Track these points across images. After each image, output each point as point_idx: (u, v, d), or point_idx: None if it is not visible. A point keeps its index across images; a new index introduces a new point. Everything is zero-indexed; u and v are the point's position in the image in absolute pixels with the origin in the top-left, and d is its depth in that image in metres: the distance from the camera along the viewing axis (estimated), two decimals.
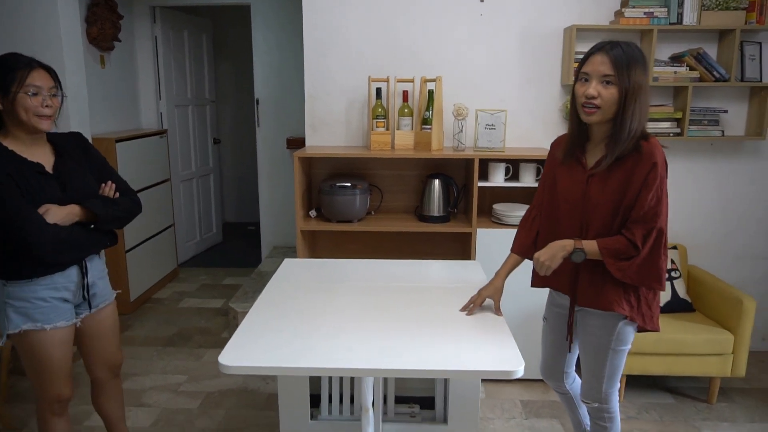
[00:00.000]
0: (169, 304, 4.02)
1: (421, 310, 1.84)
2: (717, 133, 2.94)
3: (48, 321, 1.78)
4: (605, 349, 1.79)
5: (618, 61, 1.61)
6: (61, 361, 1.84)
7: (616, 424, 1.90)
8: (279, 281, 2.11)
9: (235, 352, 1.55)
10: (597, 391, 1.84)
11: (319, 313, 1.82)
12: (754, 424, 2.61)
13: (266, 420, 2.60)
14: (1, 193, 1.65)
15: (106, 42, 3.78)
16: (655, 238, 1.63)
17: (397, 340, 1.62)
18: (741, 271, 3.21)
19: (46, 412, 1.90)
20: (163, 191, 4.32)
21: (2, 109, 1.71)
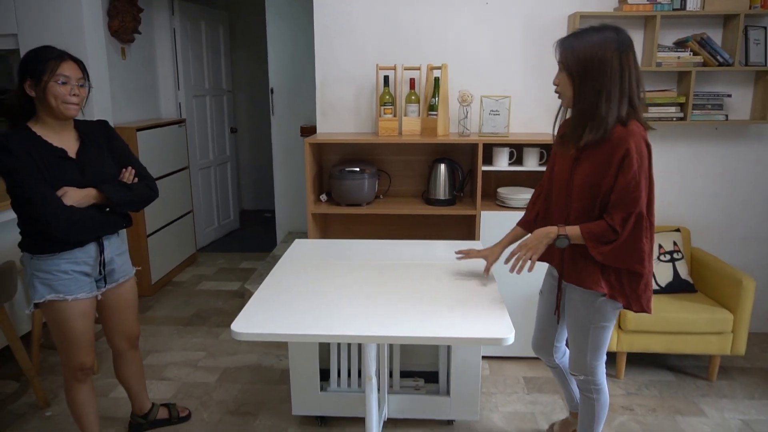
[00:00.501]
0: (188, 287, 4.18)
1: (424, 285, 1.94)
2: (721, 118, 2.97)
3: (69, 292, 1.94)
4: (587, 325, 1.87)
5: (564, 46, 1.69)
6: (83, 330, 2.00)
7: (604, 395, 1.99)
8: (289, 259, 2.23)
9: (247, 321, 1.67)
10: (582, 364, 1.93)
11: (326, 287, 1.93)
12: (753, 401, 2.67)
13: (279, 393, 2.74)
14: (22, 174, 1.80)
15: (126, 34, 3.93)
16: (634, 222, 1.66)
17: (400, 311, 1.72)
18: (744, 254, 3.25)
19: (71, 380, 2.07)
20: (182, 179, 4.48)
21: (34, 96, 1.85)
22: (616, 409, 2.60)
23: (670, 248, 2.97)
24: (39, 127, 1.90)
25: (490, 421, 2.51)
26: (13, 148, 1.79)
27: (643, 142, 1.66)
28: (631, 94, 1.67)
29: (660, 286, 2.91)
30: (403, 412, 2.42)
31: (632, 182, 1.64)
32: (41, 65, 1.82)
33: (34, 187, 1.80)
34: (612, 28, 1.67)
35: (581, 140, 1.71)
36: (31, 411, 2.61)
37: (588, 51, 1.64)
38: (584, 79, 1.66)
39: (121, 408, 2.62)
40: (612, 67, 1.63)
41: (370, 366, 1.91)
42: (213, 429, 2.47)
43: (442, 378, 2.44)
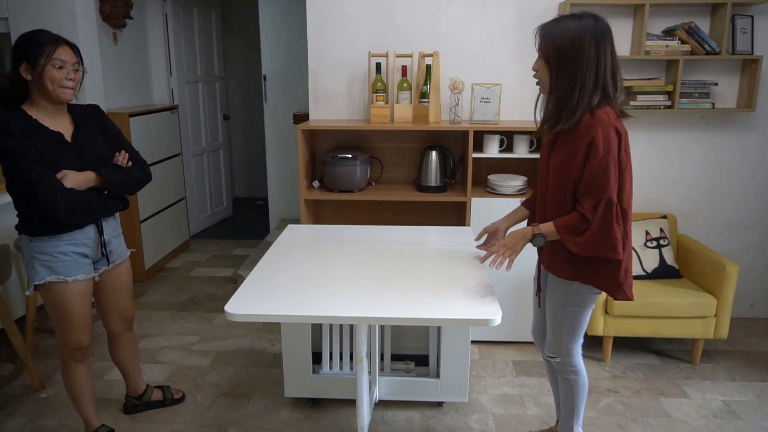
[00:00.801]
0: (182, 273, 4.21)
1: (415, 269, 1.97)
2: (707, 106, 3.02)
3: (69, 274, 1.97)
4: (562, 308, 1.90)
5: (543, 33, 1.70)
6: (81, 311, 2.03)
7: (582, 377, 2.01)
8: (282, 243, 2.26)
9: (240, 303, 1.70)
10: (558, 346, 1.96)
11: (318, 270, 1.97)
12: (734, 383, 2.74)
13: (272, 377, 2.79)
14: (24, 157, 1.82)
15: (118, 19, 3.91)
16: (604, 209, 1.66)
17: (390, 294, 1.75)
18: (730, 240, 3.32)
19: (69, 359, 2.10)
20: (175, 165, 4.49)
21: (30, 79, 1.86)
22: (602, 392, 2.66)
23: (656, 235, 3.02)
24: (34, 110, 1.91)
25: (478, 403, 2.57)
26: (14, 132, 1.81)
27: (611, 129, 1.66)
28: (606, 84, 1.68)
29: (646, 272, 2.97)
30: (394, 394, 2.47)
31: (599, 169, 1.65)
32: (38, 49, 1.83)
33: (35, 170, 1.82)
34: (591, 17, 1.68)
35: (555, 128, 1.74)
36: (26, 393, 2.64)
37: (565, 39, 1.66)
38: (561, 67, 1.68)
39: (115, 390, 2.65)
40: (588, 57, 1.65)
41: (362, 348, 1.95)
42: (206, 410, 2.52)
43: (432, 361, 2.49)
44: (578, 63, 1.65)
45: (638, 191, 3.27)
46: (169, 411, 2.51)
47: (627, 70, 3.08)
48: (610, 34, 1.68)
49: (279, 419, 2.45)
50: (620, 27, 3.04)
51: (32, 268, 1.96)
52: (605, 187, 1.65)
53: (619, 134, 1.67)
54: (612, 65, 1.68)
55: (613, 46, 1.69)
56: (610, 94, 1.69)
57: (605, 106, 1.69)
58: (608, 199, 1.65)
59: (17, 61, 1.85)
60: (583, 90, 1.66)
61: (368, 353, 2.34)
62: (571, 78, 1.67)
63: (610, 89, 1.69)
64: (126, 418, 2.46)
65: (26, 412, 2.50)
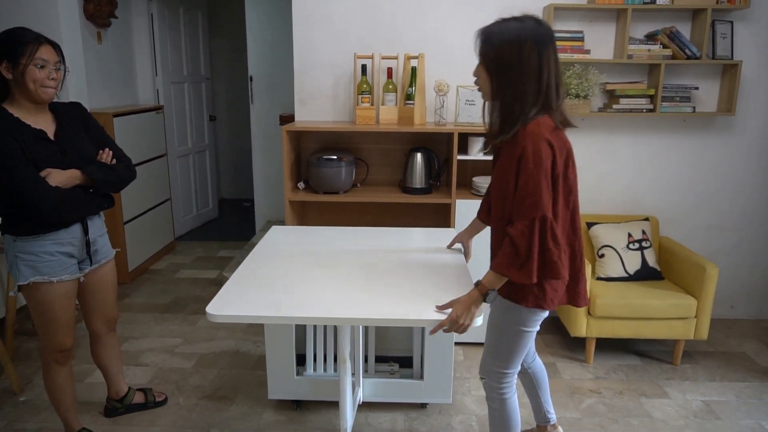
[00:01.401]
0: (166, 275, 4.18)
1: (399, 270, 1.97)
2: (689, 110, 3.06)
3: (54, 274, 1.95)
4: (503, 327, 1.78)
5: (482, 37, 1.59)
6: (65, 312, 2.01)
7: (508, 410, 1.85)
8: (266, 245, 2.25)
9: (222, 304, 1.70)
10: (490, 366, 1.84)
11: (302, 272, 1.96)
12: (714, 383, 2.78)
13: (256, 379, 2.77)
14: (7, 156, 1.79)
15: (102, 18, 3.88)
16: (539, 228, 1.53)
17: (374, 295, 1.75)
18: (711, 243, 3.36)
19: (51, 362, 2.07)
20: (160, 166, 4.45)
21: (11, 78, 1.84)
22: (585, 392, 2.68)
23: (639, 237, 3.05)
24: (15, 108, 1.89)
25: (462, 404, 2.57)
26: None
27: (543, 141, 1.53)
28: (548, 93, 1.58)
29: (628, 274, 2.99)
30: (378, 396, 2.47)
31: (529, 185, 1.53)
32: (19, 48, 1.81)
33: (19, 169, 1.80)
34: (533, 20, 1.57)
35: (496, 139, 1.64)
36: (5, 396, 2.60)
37: (504, 45, 1.55)
38: (500, 74, 1.57)
39: (96, 393, 2.62)
40: (530, 64, 1.54)
41: (345, 349, 1.95)
42: (189, 413, 2.50)
43: (416, 363, 2.49)
44: (519, 71, 1.54)
45: (621, 193, 3.30)
46: (150, 414, 2.49)
47: (610, 74, 3.12)
48: (552, 39, 1.58)
49: (262, 421, 2.44)
50: (603, 31, 3.08)
51: (16, 268, 1.93)
52: (538, 204, 1.52)
53: (553, 146, 1.55)
54: (555, 73, 1.58)
55: (557, 52, 1.59)
56: (551, 103, 1.59)
57: (543, 116, 1.58)
58: (542, 217, 1.52)
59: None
60: (525, 100, 1.56)
61: (352, 355, 2.34)
62: (512, 87, 1.56)
63: (553, 98, 1.58)
64: (107, 421, 2.44)
65: (4, 415, 2.46)
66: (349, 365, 1.99)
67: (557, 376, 2.82)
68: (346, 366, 1.97)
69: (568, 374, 2.84)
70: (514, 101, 1.57)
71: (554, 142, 1.56)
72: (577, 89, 2.99)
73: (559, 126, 1.61)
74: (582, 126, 3.21)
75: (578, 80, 2.99)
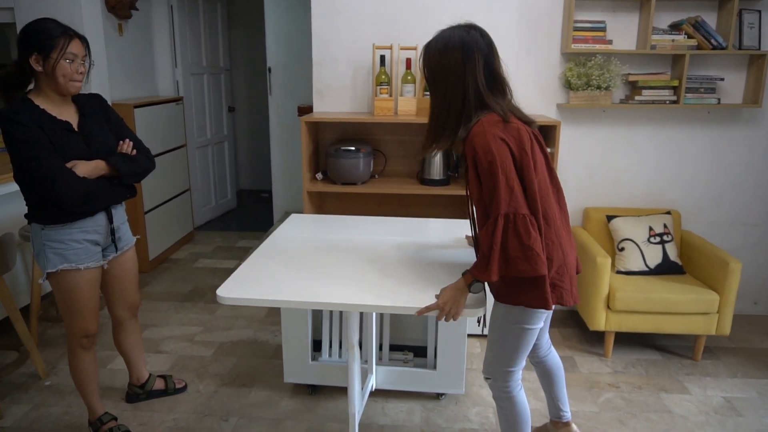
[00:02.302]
0: (185, 264, 4.23)
1: (413, 260, 1.98)
2: (713, 101, 3.00)
3: (81, 261, 2.00)
4: (504, 324, 1.77)
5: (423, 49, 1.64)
6: (90, 299, 2.06)
7: (518, 407, 1.85)
8: (284, 232, 2.28)
9: (233, 287, 1.74)
10: (494, 366, 1.83)
11: (316, 258, 1.98)
12: (736, 380, 2.74)
13: (273, 368, 2.80)
14: (36, 147, 1.83)
15: (123, 10, 3.92)
16: (502, 226, 1.51)
17: (385, 283, 1.76)
18: (734, 237, 3.30)
19: (76, 347, 2.12)
20: (180, 157, 4.50)
21: (40, 71, 1.87)
22: (603, 386, 2.67)
23: (660, 230, 3.01)
24: (41, 100, 1.92)
25: (479, 396, 2.57)
26: (25, 121, 1.82)
27: (491, 139, 1.54)
28: (481, 96, 1.59)
29: (649, 268, 2.96)
30: (391, 384, 2.49)
31: (488, 185, 1.54)
32: (50, 41, 1.83)
33: (48, 160, 1.84)
34: (463, 28, 1.61)
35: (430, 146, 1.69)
36: (30, 380, 2.66)
37: (434, 56, 1.61)
38: (430, 83, 1.65)
39: (118, 379, 2.68)
40: (452, 71, 1.58)
41: (353, 335, 1.97)
42: (208, 400, 2.53)
43: (430, 353, 2.50)
44: (444, 79, 1.60)
45: (642, 186, 3.26)
46: (171, 400, 2.53)
47: (632, 65, 3.06)
48: (478, 46, 1.59)
49: (279, 409, 2.47)
50: (626, 21, 3.02)
51: (44, 256, 1.97)
52: (498, 203, 1.52)
53: (508, 142, 1.55)
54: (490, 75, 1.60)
55: (489, 56, 1.60)
56: (490, 103, 1.59)
57: (487, 115, 1.59)
58: (506, 215, 1.51)
59: (27, 51, 1.84)
60: (451, 106, 1.60)
61: (366, 342, 2.37)
62: (440, 93, 1.62)
63: (489, 98, 1.59)
64: (128, 406, 2.48)
65: (30, 399, 2.53)
66: (357, 351, 2.01)
67: (575, 369, 2.81)
68: (355, 352, 1.99)
69: (586, 368, 2.82)
70: (442, 109, 1.62)
71: (505, 136, 1.55)
72: (598, 80, 2.95)
73: (506, 119, 1.58)
74: (603, 117, 3.17)
75: (600, 71, 2.94)
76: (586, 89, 3.00)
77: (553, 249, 1.62)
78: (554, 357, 2.10)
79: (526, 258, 1.51)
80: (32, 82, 1.94)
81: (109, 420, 2.25)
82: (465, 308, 1.61)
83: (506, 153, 1.54)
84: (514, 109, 1.66)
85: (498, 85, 1.63)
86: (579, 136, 3.20)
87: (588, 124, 3.18)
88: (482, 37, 1.61)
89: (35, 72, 1.88)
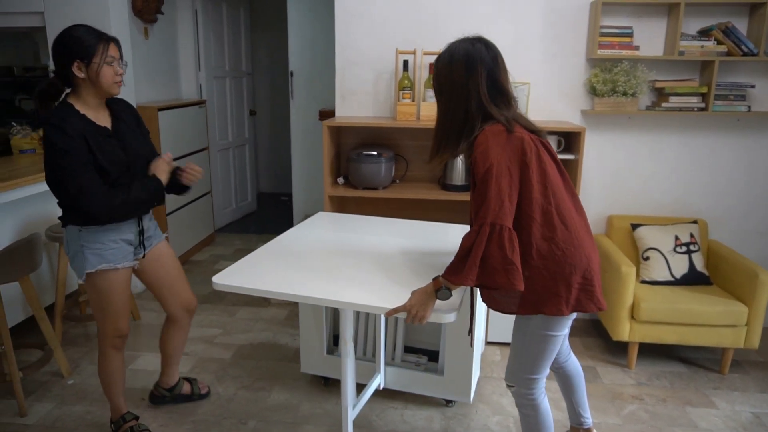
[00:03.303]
0: (206, 266, 4.26)
1: (426, 261, 2.00)
2: (743, 109, 2.93)
3: (118, 261, 2.05)
4: (517, 330, 1.80)
5: (437, 60, 1.69)
6: (124, 298, 2.12)
7: (542, 415, 1.84)
8: (303, 228, 2.35)
9: (230, 276, 1.84)
10: (516, 373, 1.82)
11: (320, 254, 2.04)
12: (765, 395, 2.66)
13: (292, 371, 2.80)
14: (73, 158, 1.85)
15: (149, 14, 3.97)
16: (488, 234, 1.52)
17: (382, 281, 1.81)
18: (763, 247, 3.22)
19: (108, 347, 2.16)
20: (201, 159, 4.54)
21: (84, 77, 1.90)
22: (626, 398, 2.61)
23: (686, 240, 2.95)
24: (80, 105, 1.95)
25: (499, 405, 2.54)
26: (71, 131, 1.85)
27: (491, 149, 1.56)
28: (482, 106, 1.62)
29: (675, 278, 2.90)
30: (398, 385, 2.51)
31: (481, 192, 1.56)
32: (90, 48, 1.87)
33: (82, 175, 1.87)
34: (469, 41, 1.64)
35: (435, 155, 1.74)
36: (54, 379, 2.70)
37: (441, 69, 1.66)
38: (438, 95, 1.70)
39: (138, 380, 2.70)
40: (456, 84, 1.63)
41: (346, 330, 1.99)
42: (227, 403, 2.54)
43: (441, 358, 2.49)
44: (449, 91, 1.65)
45: (668, 194, 3.20)
46: (191, 403, 2.54)
47: (659, 71, 3.02)
48: (482, 60, 1.61)
49: (299, 413, 2.46)
50: (654, 27, 2.98)
51: (82, 257, 2.01)
52: (486, 212, 1.53)
53: (508, 149, 1.57)
54: (494, 87, 1.63)
55: (493, 68, 1.62)
56: (493, 113, 1.62)
57: (490, 125, 1.61)
58: (492, 223, 1.52)
59: (68, 60, 1.87)
60: (454, 119, 1.65)
61: (377, 342, 2.43)
62: (444, 104, 1.67)
63: (493, 109, 1.62)
64: (150, 407, 2.50)
65: (53, 397, 2.56)
66: (351, 347, 2.02)
67: (597, 380, 2.76)
68: (348, 347, 2.00)
69: (608, 379, 2.77)
70: (445, 120, 1.67)
71: (506, 146, 1.57)
72: (624, 86, 2.90)
73: (510, 129, 1.60)
74: (628, 124, 3.12)
75: (626, 77, 2.90)
76: (611, 95, 2.95)
77: (575, 253, 1.62)
78: (574, 362, 2.07)
79: (505, 271, 1.51)
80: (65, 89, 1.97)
81: (131, 419, 2.27)
82: (434, 312, 1.61)
83: (504, 164, 1.56)
84: (520, 118, 1.68)
85: (502, 96, 1.65)
86: (604, 143, 3.15)
87: (613, 130, 3.13)
88: (487, 50, 1.64)
89: (74, 78, 1.91)
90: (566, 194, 1.67)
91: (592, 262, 1.66)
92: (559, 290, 1.61)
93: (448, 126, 1.66)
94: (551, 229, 1.61)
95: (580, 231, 1.65)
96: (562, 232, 1.60)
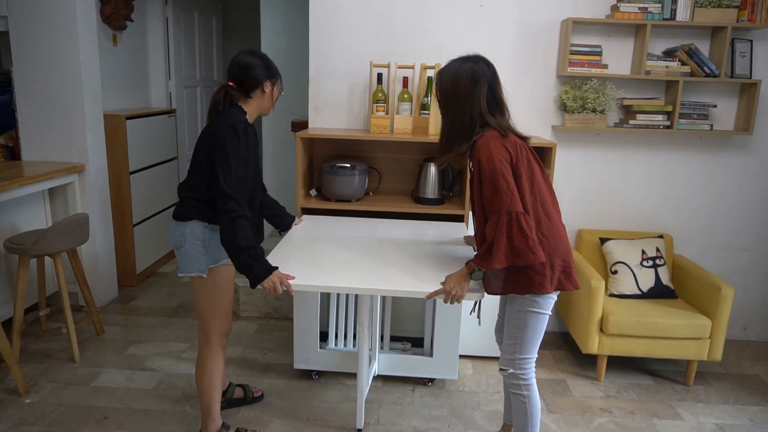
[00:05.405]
0: (173, 278, 4.16)
1: (411, 255, 2.25)
2: (706, 127, 3.03)
3: (227, 259, 2.09)
4: (509, 317, 1.99)
5: (437, 74, 1.96)
6: (231, 295, 2.21)
7: (535, 395, 2.01)
8: (298, 230, 2.64)
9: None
10: (511, 356, 1.99)
11: (330, 251, 2.22)
12: (728, 406, 2.73)
13: (263, 387, 2.73)
14: (242, 164, 1.97)
15: (118, 21, 3.89)
16: (507, 222, 1.78)
17: (393, 273, 2.04)
18: (725, 262, 3.32)
19: (217, 347, 2.19)
20: (170, 169, 4.45)
21: (264, 94, 2.10)
22: (595, 411, 2.64)
23: (653, 254, 3.02)
24: (247, 117, 2.09)
25: (471, 419, 2.53)
26: (244, 137, 1.98)
27: (494, 148, 1.82)
28: (484, 115, 1.88)
29: (642, 291, 2.96)
30: (391, 370, 2.75)
31: (489, 188, 1.81)
32: (277, 71, 2.15)
33: (241, 180, 1.96)
34: (472, 60, 1.90)
35: (442, 156, 1.99)
36: (10, 398, 2.58)
37: (447, 81, 1.91)
38: (443, 104, 1.95)
39: (101, 398, 2.59)
40: (462, 96, 1.88)
41: (365, 319, 2.26)
42: (196, 421, 2.46)
43: (426, 342, 2.78)
44: (455, 102, 1.90)
45: (635, 209, 3.27)
46: (156, 419, 2.46)
47: (627, 90, 3.10)
48: (487, 74, 1.89)
49: (269, 429, 2.41)
50: (622, 46, 3.06)
51: (206, 252, 2.06)
52: (501, 204, 1.79)
53: (506, 148, 1.84)
54: (493, 100, 1.90)
55: (492, 83, 1.90)
56: (490, 122, 1.88)
57: (488, 131, 1.88)
58: (509, 213, 1.78)
59: (264, 76, 2.07)
60: (460, 124, 1.90)
61: (370, 330, 2.59)
62: (450, 114, 1.92)
63: (490, 118, 1.89)
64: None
65: (9, 417, 2.44)
66: (369, 334, 2.25)
67: (568, 393, 2.78)
68: (365, 334, 2.27)
69: (578, 392, 2.80)
70: (452, 126, 1.92)
71: (507, 145, 1.85)
72: (593, 103, 2.97)
73: (504, 134, 1.88)
74: (597, 140, 3.19)
75: (595, 95, 2.97)
76: (581, 112, 3.02)
77: (556, 241, 1.88)
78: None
79: (529, 248, 1.78)
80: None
81: (229, 428, 2.29)
82: (467, 292, 1.89)
83: (506, 162, 1.82)
84: (510, 128, 1.95)
85: (499, 107, 1.95)
86: (573, 159, 3.21)
87: (583, 146, 3.20)
88: (488, 67, 1.92)
89: (254, 93, 2.07)
90: (547, 193, 1.94)
91: (569, 249, 1.94)
92: (545, 271, 1.86)
93: (453, 131, 1.92)
94: (537, 221, 1.85)
95: (558, 224, 1.93)
96: (546, 223, 1.87)
